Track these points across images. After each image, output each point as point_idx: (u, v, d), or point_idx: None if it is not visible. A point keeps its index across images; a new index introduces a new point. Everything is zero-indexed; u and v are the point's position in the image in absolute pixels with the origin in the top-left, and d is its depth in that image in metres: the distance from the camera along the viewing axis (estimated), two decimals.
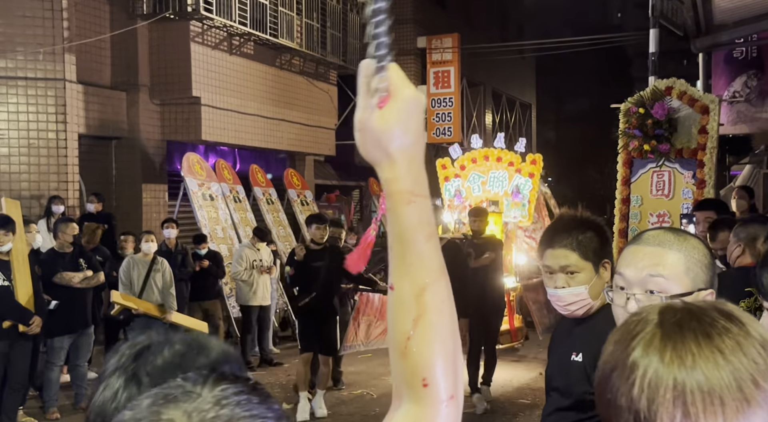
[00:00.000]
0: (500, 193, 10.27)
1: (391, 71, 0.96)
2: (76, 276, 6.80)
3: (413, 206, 0.94)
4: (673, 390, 0.77)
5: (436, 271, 0.95)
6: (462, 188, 10.45)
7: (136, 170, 11.02)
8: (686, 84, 6.18)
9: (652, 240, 1.53)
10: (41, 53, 9.50)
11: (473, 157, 10.53)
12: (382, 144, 0.94)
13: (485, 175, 10.37)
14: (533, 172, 10.25)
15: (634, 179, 6.48)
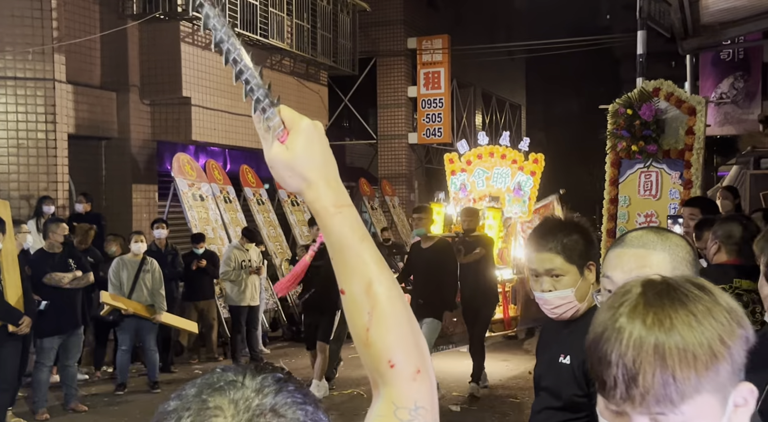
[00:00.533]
0: (503, 188, 10.94)
1: (281, 111, 1.08)
2: (66, 276, 6.79)
3: (340, 216, 1.05)
4: (654, 348, 0.91)
5: (377, 265, 1.05)
6: (467, 182, 11.18)
7: (126, 170, 11.00)
8: (673, 85, 6.24)
9: (636, 242, 1.56)
10: (30, 53, 9.47)
11: (479, 153, 11.22)
12: (295, 171, 1.06)
13: (490, 171, 11.08)
14: (535, 170, 10.95)
15: (622, 179, 6.53)
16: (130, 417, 6.89)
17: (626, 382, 0.92)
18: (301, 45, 13.56)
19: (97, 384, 8.20)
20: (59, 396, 7.25)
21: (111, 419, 6.83)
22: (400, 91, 18.83)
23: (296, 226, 12.57)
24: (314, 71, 14.60)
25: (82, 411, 7.01)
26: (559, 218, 2.24)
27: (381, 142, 19.10)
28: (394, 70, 18.82)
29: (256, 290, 9.32)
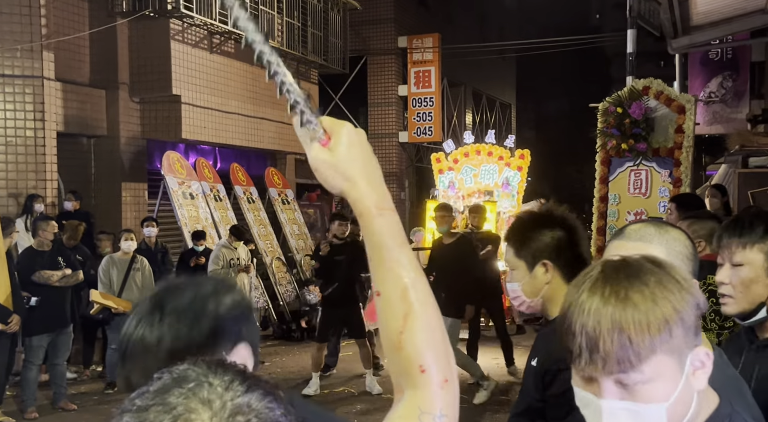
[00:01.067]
0: (491, 184, 11.38)
1: (322, 120, 1.14)
2: (55, 274, 6.76)
3: (382, 219, 1.07)
4: (611, 315, 1.03)
5: (414, 271, 1.08)
6: (455, 180, 11.51)
7: (116, 168, 10.95)
8: (663, 84, 6.27)
9: (634, 235, 1.57)
10: (19, 50, 9.41)
11: (466, 152, 11.57)
12: (338, 171, 1.09)
13: (477, 168, 11.44)
14: (521, 166, 11.34)
15: (612, 178, 6.56)
16: None
17: (589, 348, 1.04)
18: (292, 43, 13.53)
19: (86, 383, 8.17)
20: (47, 395, 7.21)
21: (101, 418, 6.79)
22: (391, 89, 18.84)
23: (287, 225, 12.55)
24: (305, 69, 14.57)
25: (72, 410, 6.98)
26: (537, 213, 2.16)
27: (371, 140, 18.76)
28: (385, 68, 18.82)
29: (245, 288, 9.29)
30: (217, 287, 1.20)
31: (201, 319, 1.13)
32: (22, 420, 6.62)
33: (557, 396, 1.86)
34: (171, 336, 1.11)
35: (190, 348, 1.10)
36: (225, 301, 1.18)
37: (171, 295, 1.16)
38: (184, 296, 1.15)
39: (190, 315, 1.13)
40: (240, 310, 1.19)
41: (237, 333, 1.18)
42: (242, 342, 1.18)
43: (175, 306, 1.14)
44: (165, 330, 1.11)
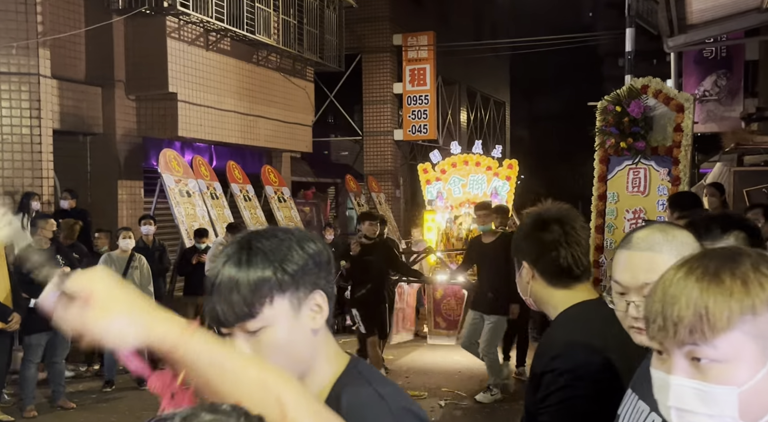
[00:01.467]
0: (479, 194, 11.10)
1: (73, 278, 1.08)
2: None
3: (198, 337, 1.05)
4: (694, 282, 0.99)
5: (278, 380, 1.05)
6: (443, 190, 11.37)
7: (112, 166, 10.92)
8: (661, 82, 6.30)
9: (642, 244, 1.54)
10: (14, 47, 9.37)
11: (453, 162, 11.43)
12: (117, 327, 1.04)
13: (465, 178, 11.33)
14: (510, 176, 11.26)
15: (611, 176, 6.58)
16: (119, 414, 6.85)
17: (663, 313, 1.00)
18: (288, 41, 13.52)
19: (84, 381, 8.15)
20: (45, 393, 7.20)
21: (100, 416, 6.79)
22: (386, 87, 18.84)
23: (283, 223, 12.54)
24: (300, 67, 14.56)
25: (70, 408, 6.96)
26: (534, 214, 2.08)
27: (366, 138, 19.10)
28: (380, 66, 18.82)
29: None
30: (303, 234, 1.27)
31: (285, 262, 1.21)
32: (21, 418, 6.61)
33: (542, 399, 1.86)
34: (255, 275, 1.19)
35: (271, 288, 1.20)
36: (310, 247, 1.25)
37: (259, 237, 1.23)
38: (271, 239, 1.23)
39: (274, 257, 1.21)
40: (322, 259, 1.26)
41: (316, 279, 1.25)
42: (320, 289, 1.25)
43: (261, 247, 1.21)
44: (250, 269, 1.19)
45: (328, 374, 1.29)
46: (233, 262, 1.20)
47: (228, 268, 1.20)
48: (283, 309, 1.21)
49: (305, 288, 1.23)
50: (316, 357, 1.28)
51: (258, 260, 1.20)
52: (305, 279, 1.23)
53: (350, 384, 1.26)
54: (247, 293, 1.18)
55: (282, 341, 1.22)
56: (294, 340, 1.23)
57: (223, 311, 1.20)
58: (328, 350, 1.30)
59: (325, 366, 1.29)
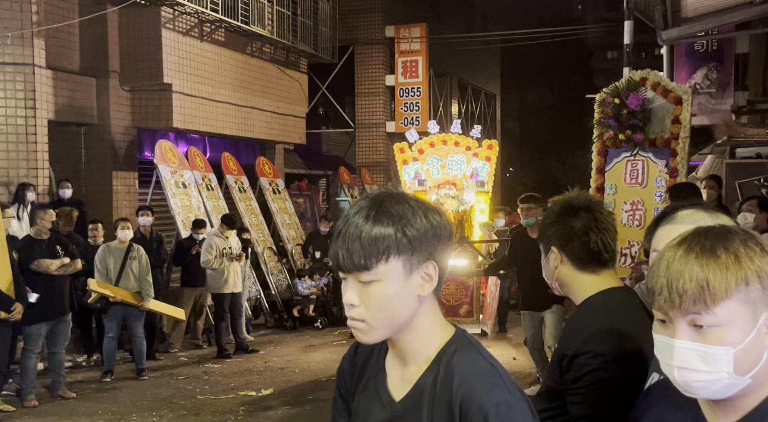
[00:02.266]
0: (459, 175, 10.87)
1: None
2: (54, 263, 6.74)
3: None
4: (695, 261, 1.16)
5: None
6: (421, 171, 11.04)
7: (106, 157, 10.89)
8: (660, 75, 6.37)
9: (687, 219, 1.64)
10: (9, 37, 9.31)
11: (431, 142, 11.06)
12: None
13: (444, 159, 10.99)
14: (490, 156, 10.97)
15: (609, 168, 6.65)
16: (120, 404, 6.87)
17: (669, 287, 1.16)
18: (282, 32, 13.50)
19: (82, 372, 8.16)
20: (44, 383, 7.21)
21: (101, 406, 6.81)
22: (378, 79, 18.83)
23: (278, 214, 12.56)
24: (294, 58, 14.54)
25: (70, 398, 6.98)
26: (562, 201, 2.11)
27: (359, 130, 19.10)
28: (372, 58, 18.80)
29: (238, 277, 9.30)
30: (431, 207, 1.33)
31: (407, 226, 1.28)
32: (22, 408, 6.62)
33: (572, 381, 1.92)
34: (377, 231, 1.27)
35: (389, 247, 1.27)
36: (434, 219, 1.31)
37: (391, 199, 1.31)
38: (402, 204, 1.30)
39: (399, 219, 1.28)
40: (443, 232, 1.32)
41: (433, 250, 1.31)
42: (434, 260, 1.32)
43: (390, 208, 1.29)
44: (375, 225, 1.28)
45: (435, 341, 1.35)
46: (362, 215, 1.29)
47: (356, 218, 1.29)
48: (396, 269, 1.28)
49: (420, 256, 1.29)
50: (420, 323, 1.34)
51: (384, 219, 1.28)
52: (422, 246, 1.29)
53: (461, 350, 1.33)
54: (367, 245, 1.26)
55: (388, 298, 1.29)
56: (399, 300, 1.30)
57: (343, 257, 1.29)
58: (434, 319, 1.36)
59: (431, 333, 1.35)
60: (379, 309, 1.30)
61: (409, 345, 1.35)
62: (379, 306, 1.29)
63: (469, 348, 1.35)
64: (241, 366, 8.49)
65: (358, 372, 1.48)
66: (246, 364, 8.56)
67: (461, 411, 1.25)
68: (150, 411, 6.65)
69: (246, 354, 9.10)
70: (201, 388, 7.47)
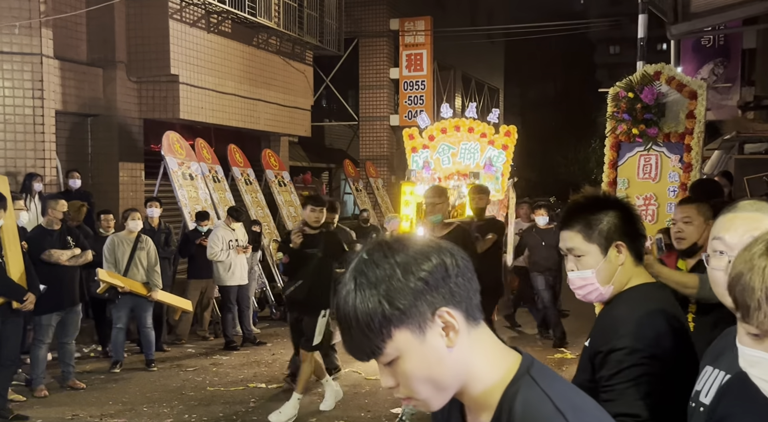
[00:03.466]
0: (471, 165, 9.69)
1: None
2: (65, 254, 6.72)
3: None
4: None
5: None
6: (431, 160, 9.87)
7: (113, 148, 10.87)
8: (674, 69, 6.34)
9: (749, 207, 1.64)
10: (17, 27, 9.27)
11: (443, 127, 9.92)
12: None
13: (456, 147, 9.82)
14: (507, 144, 9.73)
15: (621, 162, 6.62)
16: (130, 395, 6.87)
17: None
18: (288, 24, 13.46)
19: (90, 362, 8.16)
20: (54, 374, 7.20)
21: (111, 396, 6.81)
22: (382, 72, 18.80)
23: (283, 207, 12.54)
24: (300, 51, 14.50)
25: (80, 389, 6.98)
26: (591, 194, 2.12)
27: (362, 123, 19.08)
28: (377, 51, 18.77)
29: (244, 269, 9.30)
30: (410, 258, 1.16)
31: (391, 295, 1.13)
32: (32, 398, 6.62)
33: (607, 378, 1.89)
34: (365, 315, 1.13)
35: (384, 324, 1.13)
36: (419, 271, 1.15)
37: (365, 268, 1.15)
38: (376, 268, 1.14)
39: (378, 291, 1.13)
40: (438, 275, 1.15)
41: (435, 299, 1.15)
42: (444, 307, 1.15)
43: (365, 281, 1.14)
44: (357, 307, 1.13)
45: (495, 382, 1.20)
46: (344, 296, 1.15)
47: (342, 302, 1.16)
48: (405, 340, 1.14)
49: (424, 313, 1.14)
50: (470, 369, 1.19)
51: (365, 295, 1.13)
52: (420, 305, 1.13)
53: (523, 390, 1.17)
54: (362, 331, 1.14)
55: (416, 370, 1.16)
56: (430, 366, 1.16)
57: (350, 348, 1.18)
58: (486, 356, 1.20)
59: (488, 375, 1.20)
60: (417, 383, 1.16)
61: (470, 397, 1.22)
62: (414, 380, 1.16)
63: (531, 387, 1.17)
64: (249, 358, 8.48)
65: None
66: (254, 356, 8.55)
67: None
68: (160, 402, 6.65)
69: (254, 346, 9.09)
70: (210, 380, 7.47)
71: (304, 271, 6.11)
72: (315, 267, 6.10)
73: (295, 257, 6.14)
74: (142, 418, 6.19)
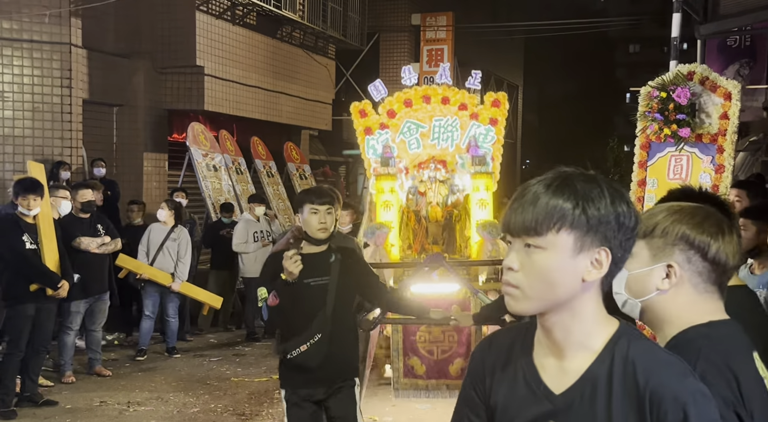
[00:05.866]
0: (450, 148, 6.70)
1: None
2: (94, 241, 6.78)
3: None
4: None
5: None
6: (392, 144, 6.66)
7: (138, 138, 10.94)
8: (708, 69, 6.29)
9: None
10: (47, 16, 9.34)
11: (407, 99, 6.75)
12: None
13: (426, 124, 6.71)
14: (496, 117, 6.74)
15: (651, 162, 6.59)
16: (156, 383, 6.94)
17: None
18: (312, 17, 13.48)
19: (115, 350, 8.23)
20: (80, 361, 7.27)
21: (137, 384, 6.88)
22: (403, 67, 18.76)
23: None
24: (323, 44, 14.52)
25: (107, 376, 7.05)
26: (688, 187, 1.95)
27: None
28: (398, 45, 18.73)
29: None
30: (621, 195, 1.28)
31: (588, 203, 1.25)
32: (60, 383, 6.70)
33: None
34: (555, 201, 1.26)
35: (563, 218, 1.25)
36: (619, 206, 1.27)
37: (579, 177, 1.28)
38: (589, 183, 1.27)
39: (581, 196, 1.25)
40: (627, 223, 1.27)
41: (611, 237, 1.27)
42: (607, 248, 1.27)
43: (575, 184, 1.26)
44: (554, 195, 1.26)
45: (600, 331, 1.31)
46: (544, 184, 1.28)
47: (537, 186, 1.28)
48: (565, 243, 1.25)
49: (595, 238, 1.25)
50: (582, 309, 1.30)
51: (566, 191, 1.25)
52: (599, 229, 1.25)
53: (635, 341, 1.29)
54: (541, 211, 1.25)
55: (549, 269, 1.26)
56: (560, 276, 1.26)
57: (515, 219, 1.28)
58: (598, 308, 1.32)
59: (594, 323, 1.31)
60: (538, 279, 1.26)
61: (568, 333, 1.30)
62: (538, 276, 1.26)
63: (642, 338, 1.31)
64: (271, 349, 8.53)
65: (500, 365, 1.41)
66: None
67: (652, 403, 1.22)
68: (186, 390, 6.71)
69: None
70: (234, 370, 7.53)
71: (314, 318, 3.60)
72: (332, 309, 3.64)
73: (291, 296, 3.56)
74: (169, 406, 6.25)
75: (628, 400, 1.24)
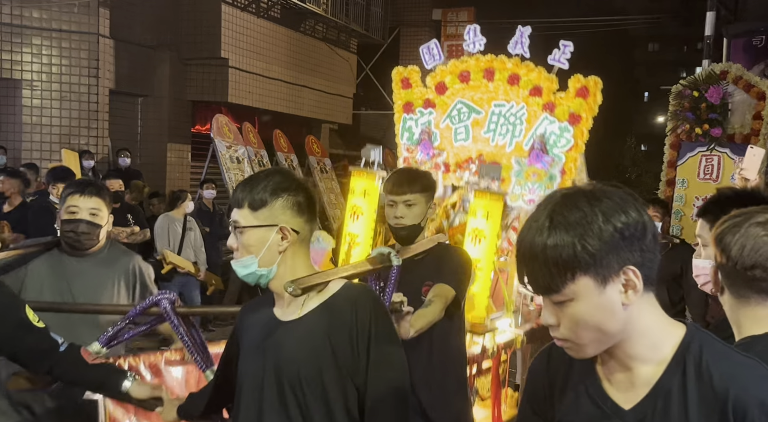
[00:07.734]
0: (508, 146, 4.79)
1: None
2: (124, 231, 6.83)
3: None
4: None
5: None
6: (435, 129, 4.98)
7: (162, 128, 11.00)
8: (742, 68, 6.26)
9: None
10: (76, 6, 9.41)
11: (464, 70, 5.02)
12: None
13: (482, 108, 4.89)
14: (579, 113, 4.82)
15: (681, 162, 6.57)
16: None
17: None
18: (335, 11, 13.48)
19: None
20: None
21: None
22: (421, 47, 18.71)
23: (324, 194, 12.60)
24: (345, 38, 14.53)
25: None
26: (741, 188, 2.10)
27: None
28: (418, 40, 18.60)
29: None
30: (613, 205, 1.18)
31: (585, 238, 1.15)
32: None
33: None
34: (554, 252, 1.16)
35: (572, 265, 1.15)
36: (618, 221, 1.17)
37: (562, 208, 1.18)
38: (574, 211, 1.17)
39: (575, 232, 1.15)
40: (634, 231, 1.17)
41: (627, 254, 1.17)
42: (631, 264, 1.18)
43: (562, 221, 1.16)
44: (548, 245, 1.16)
45: (666, 340, 1.24)
46: (534, 230, 1.18)
47: (531, 236, 1.18)
48: (586, 286, 1.17)
49: (611, 264, 1.16)
50: (640, 327, 1.22)
51: (559, 234, 1.16)
52: (609, 254, 1.16)
53: (707, 345, 1.22)
54: (547, 268, 1.16)
55: (584, 317, 1.19)
56: (600, 316, 1.19)
57: (529, 281, 1.21)
58: (657, 317, 1.25)
59: (658, 333, 1.24)
60: (581, 328, 1.20)
61: (632, 352, 1.24)
62: (580, 325, 1.19)
63: (714, 341, 1.23)
64: None
65: (561, 382, 1.34)
66: None
67: (736, 412, 1.15)
68: None
69: None
70: None
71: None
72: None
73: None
74: None
75: (705, 410, 1.17)
